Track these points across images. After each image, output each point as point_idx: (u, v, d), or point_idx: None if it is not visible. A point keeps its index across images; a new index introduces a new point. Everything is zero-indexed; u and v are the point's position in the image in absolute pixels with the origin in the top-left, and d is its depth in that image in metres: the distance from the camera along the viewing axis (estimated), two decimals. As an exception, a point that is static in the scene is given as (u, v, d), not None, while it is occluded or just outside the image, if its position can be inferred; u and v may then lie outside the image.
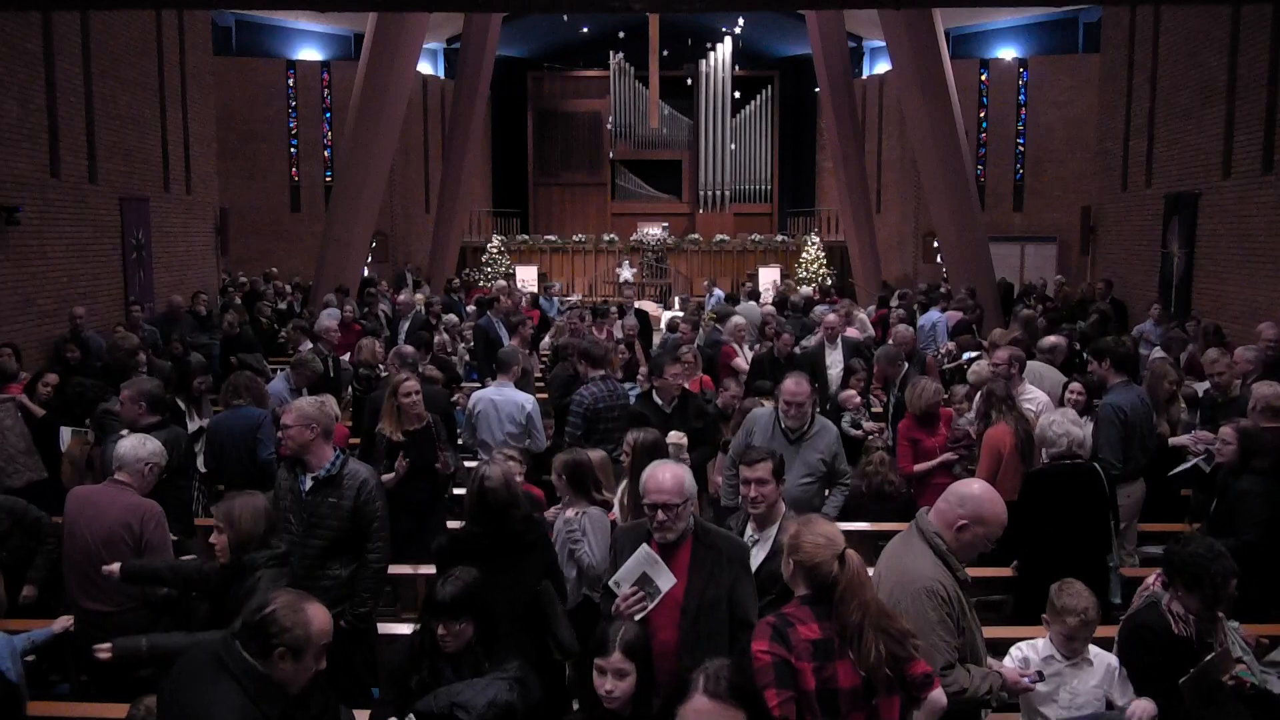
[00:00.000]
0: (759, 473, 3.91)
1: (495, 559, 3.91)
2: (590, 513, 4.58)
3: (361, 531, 4.32)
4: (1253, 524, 4.66)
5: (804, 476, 5.35)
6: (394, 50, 14.89)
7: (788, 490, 4.95)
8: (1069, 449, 4.83)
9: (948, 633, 3.06)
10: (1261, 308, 10.96)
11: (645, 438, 4.83)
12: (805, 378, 5.49)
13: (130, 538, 4.37)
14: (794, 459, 5.26)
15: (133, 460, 4.53)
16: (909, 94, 15.74)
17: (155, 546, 4.41)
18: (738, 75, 25.65)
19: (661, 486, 3.40)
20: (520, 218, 26.01)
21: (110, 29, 12.56)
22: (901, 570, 3.18)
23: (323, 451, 4.34)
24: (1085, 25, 20.04)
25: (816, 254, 22.07)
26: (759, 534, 3.95)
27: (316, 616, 2.73)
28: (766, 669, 2.84)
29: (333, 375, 8.78)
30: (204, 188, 15.82)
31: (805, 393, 5.34)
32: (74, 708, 4.32)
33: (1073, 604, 3.56)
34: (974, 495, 3.17)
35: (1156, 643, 3.49)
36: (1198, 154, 12.81)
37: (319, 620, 2.73)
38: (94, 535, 4.40)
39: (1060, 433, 4.83)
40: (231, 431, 6.34)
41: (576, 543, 4.49)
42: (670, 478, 3.42)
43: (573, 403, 6.53)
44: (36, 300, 10.78)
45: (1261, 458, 4.86)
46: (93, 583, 4.39)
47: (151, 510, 4.47)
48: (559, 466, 4.68)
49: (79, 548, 4.44)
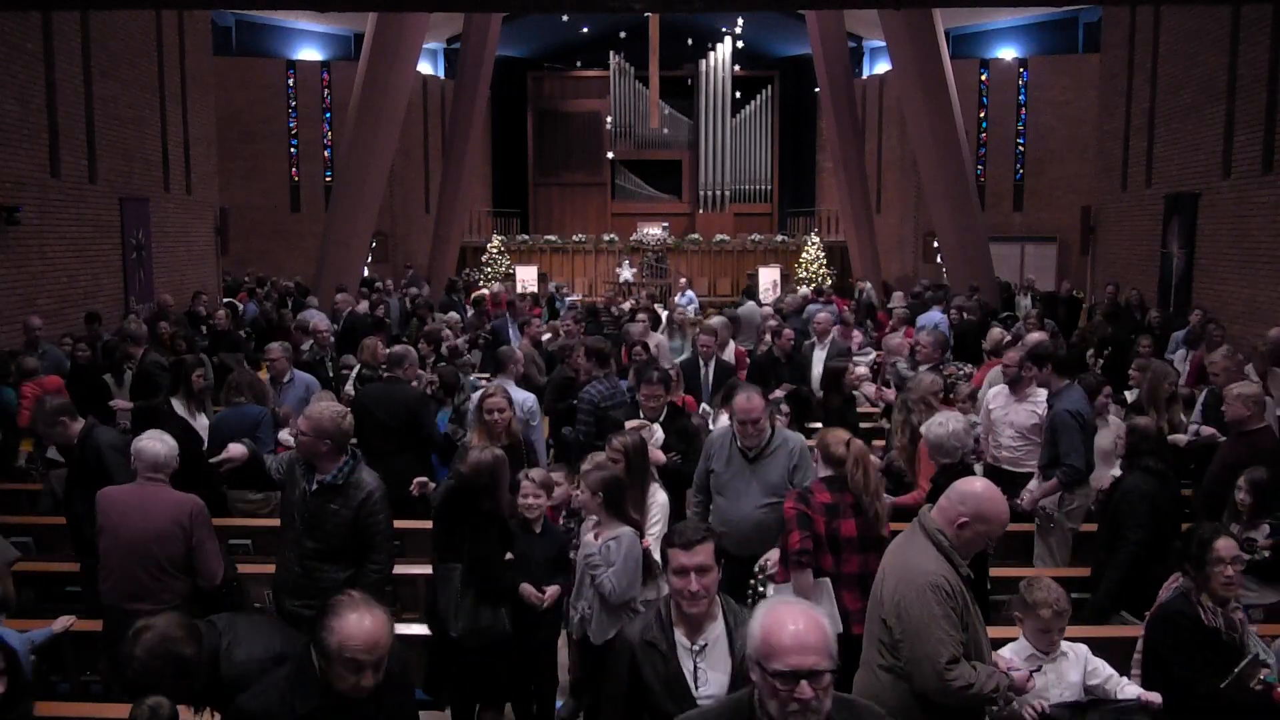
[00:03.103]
0: (699, 558, 2.96)
1: None
2: (623, 536, 4.25)
3: (363, 543, 4.27)
4: (1138, 523, 4.69)
5: (765, 499, 4.80)
6: (394, 50, 14.89)
7: (747, 514, 4.79)
8: (962, 459, 4.91)
9: (952, 627, 3.07)
10: (1261, 308, 10.97)
11: (634, 440, 4.78)
12: (757, 391, 4.95)
13: (181, 532, 4.38)
14: (751, 480, 4.84)
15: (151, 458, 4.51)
16: (909, 94, 15.74)
17: (204, 538, 4.44)
18: (738, 75, 25.65)
19: (804, 643, 2.20)
20: (520, 218, 26.02)
21: (110, 29, 12.57)
22: (906, 566, 3.19)
23: (332, 460, 4.30)
24: (1085, 25, 20.04)
25: (816, 254, 22.07)
26: (694, 640, 2.97)
27: (350, 627, 2.58)
28: (792, 519, 4.21)
29: (332, 375, 8.79)
30: (204, 188, 15.83)
31: (758, 408, 4.82)
32: (74, 708, 4.32)
33: (1043, 597, 3.59)
34: (975, 493, 3.18)
35: (1189, 632, 3.56)
36: (1197, 154, 12.82)
37: (349, 630, 2.58)
38: (144, 534, 4.35)
39: (957, 444, 4.87)
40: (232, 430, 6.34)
41: (596, 568, 4.19)
42: (810, 627, 2.23)
43: (581, 401, 6.56)
44: (36, 300, 10.78)
45: (1154, 457, 4.90)
46: (139, 583, 4.34)
47: (196, 504, 4.48)
48: (596, 485, 4.29)
49: (122, 548, 4.37)
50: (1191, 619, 3.58)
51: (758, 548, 4.72)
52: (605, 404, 6.46)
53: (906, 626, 3.10)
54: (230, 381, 6.69)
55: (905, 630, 3.10)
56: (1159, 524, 4.69)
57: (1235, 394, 5.50)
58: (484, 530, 4.36)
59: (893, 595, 3.15)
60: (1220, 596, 3.59)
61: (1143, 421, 5.14)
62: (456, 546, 4.41)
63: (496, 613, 4.27)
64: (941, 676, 3.03)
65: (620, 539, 4.21)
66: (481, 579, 4.27)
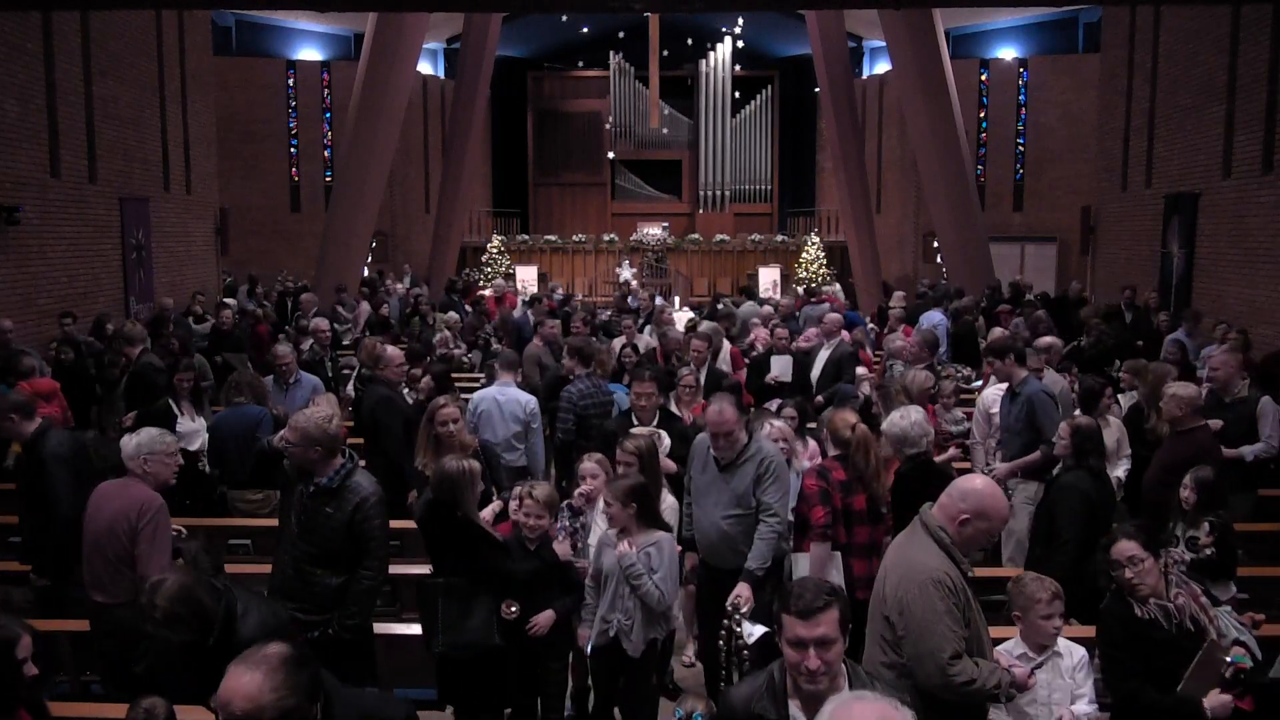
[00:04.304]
0: (821, 629, 2.58)
1: None
2: (662, 541, 4.19)
3: (357, 548, 4.24)
4: (1071, 522, 4.71)
5: (731, 510, 4.60)
6: (394, 50, 14.89)
7: (714, 523, 4.60)
8: (927, 448, 4.99)
9: (955, 623, 3.08)
10: (1261, 308, 10.97)
11: (644, 444, 4.74)
12: (730, 401, 4.64)
13: (127, 527, 4.38)
14: (721, 489, 4.64)
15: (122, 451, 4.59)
16: (909, 94, 15.74)
17: (148, 538, 4.38)
18: (738, 75, 25.64)
19: None
20: (520, 218, 26.00)
21: (110, 29, 12.56)
22: (908, 563, 3.20)
23: (327, 464, 4.29)
24: (1085, 25, 20.04)
25: (816, 254, 22.07)
26: (811, 717, 2.47)
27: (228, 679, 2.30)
28: (814, 495, 4.66)
29: (331, 375, 8.79)
30: (204, 188, 15.83)
31: (730, 420, 4.52)
32: (74, 708, 4.33)
33: (1033, 589, 3.62)
34: (975, 490, 3.21)
35: (1121, 629, 3.57)
36: (1198, 154, 12.82)
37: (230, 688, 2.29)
38: (100, 527, 4.44)
39: (920, 434, 4.93)
40: (232, 430, 6.35)
41: (639, 577, 4.08)
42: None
43: (561, 400, 6.66)
44: (36, 300, 10.78)
45: (1096, 456, 4.93)
46: (97, 573, 4.45)
47: (150, 502, 4.46)
48: (625, 496, 4.13)
49: (87, 539, 4.49)
50: (1120, 616, 3.58)
51: (726, 558, 4.62)
52: (584, 402, 6.56)
53: (909, 623, 3.11)
54: (230, 382, 6.70)
55: (908, 626, 3.11)
56: (1094, 521, 4.75)
57: (1171, 394, 5.58)
58: (459, 541, 4.33)
59: (895, 592, 3.17)
60: (1138, 596, 3.58)
61: (1084, 421, 5.15)
62: (441, 558, 4.44)
63: (485, 626, 4.22)
64: (944, 672, 3.04)
65: (660, 545, 4.15)
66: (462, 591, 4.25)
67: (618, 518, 4.17)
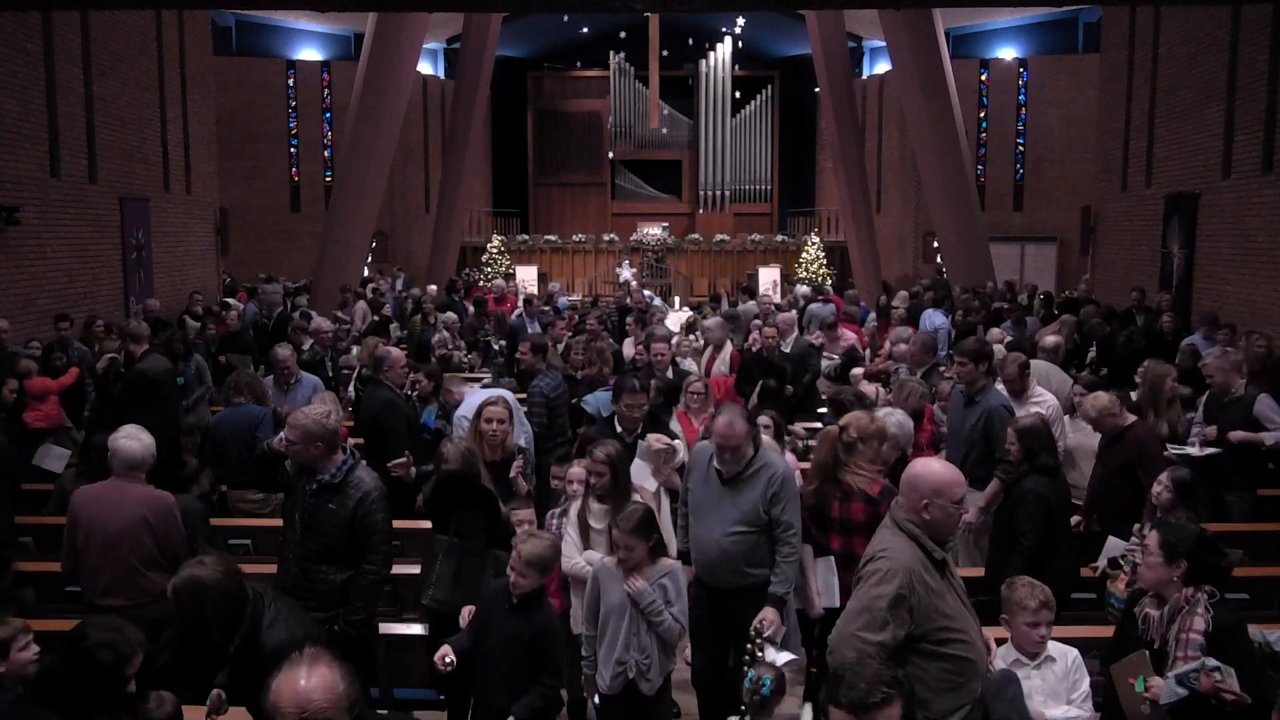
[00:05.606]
0: None
1: None
2: (675, 570, 3.98)
3: (359, 543, 4.25)
4: (1030, 527, 4.75)
5: (735, 525, 4.26)
6: (394, 50, 14.89)
7: (715, 541, 4.29)
8: (904, 448, 5.04)
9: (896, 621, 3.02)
10: (1261, 308, 10.97)
11: (616, 450, 4.55)
12: (740, 414, 4.37)
13: (151, 527, 4.47)
14: (725, 505, 4.31)
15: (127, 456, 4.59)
16: (909, 94, 15.74)
17: (177, 533, 4.56)
18: (738, 75, 25.65)
19: None
20: (520, 218, 26.01)
21: (110, 29, 12.57)
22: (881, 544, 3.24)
23: (329, 460, 4.29)
24: (1085, 25, 20.04)
25: (816, 254, 22.07)
26: None
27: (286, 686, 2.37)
28: None
29: (331, 374, 8.79)
30: (204, 188, 15.83)
31: (740, 434, 4.24)
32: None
33: (1024, 594, 3.64)
34: (917, 474, 3.25)
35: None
36: (1197, 154, 12.81)
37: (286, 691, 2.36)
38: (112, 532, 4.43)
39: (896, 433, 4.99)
40: (232, 430, 6.35)
41: (659, 613, 3.84)
42: None
43: (532, 394, 6.79)
44: (37, 300, 10.78)
45: (1048, 453, 4.95)
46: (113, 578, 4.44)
47: (164, 499, 4.57)
48: (639, 529, 3.84)
49: (96, 545, 4.46)
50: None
51: (725, 578, 4.31)
52: (552, 396, 6.76)
53: (852, 599, 3.16)
54: (230, 382, 6.70)
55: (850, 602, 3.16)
56: (1052, 524, 4.81)
57: (1084, 408, 5.70)
58: (472, 504, 4.60)
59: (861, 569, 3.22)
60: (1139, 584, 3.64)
61: (1028, 421, 5.12)
62: (448, 525, 4.65)
63: (477, 585, 4.35)
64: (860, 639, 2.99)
65: (673, 574, 3.94)
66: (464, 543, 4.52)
67: (632, 556, 3.86)
